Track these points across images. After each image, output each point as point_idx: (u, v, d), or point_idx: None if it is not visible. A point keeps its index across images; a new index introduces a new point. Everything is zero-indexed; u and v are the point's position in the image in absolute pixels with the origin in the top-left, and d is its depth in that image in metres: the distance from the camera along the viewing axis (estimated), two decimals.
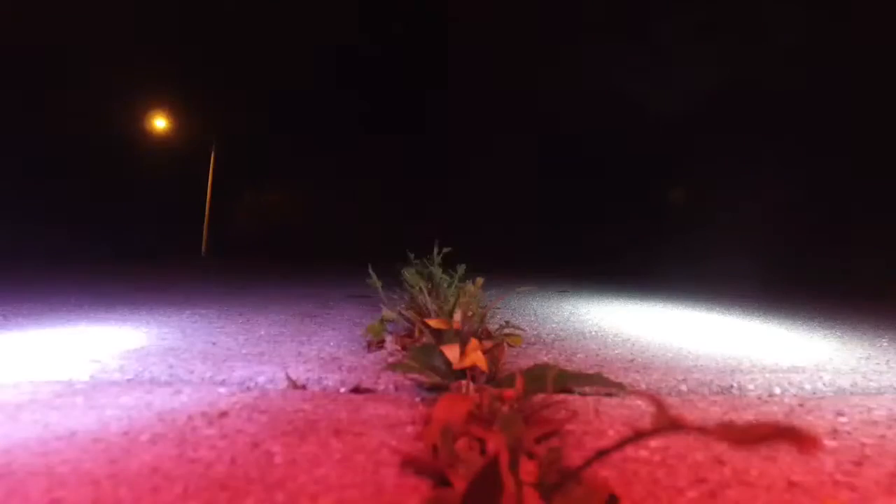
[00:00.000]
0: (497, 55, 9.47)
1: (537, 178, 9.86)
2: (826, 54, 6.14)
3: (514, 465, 0.59)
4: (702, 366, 1.34)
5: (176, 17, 8.94)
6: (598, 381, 0.98)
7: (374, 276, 1.65)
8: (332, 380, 1.11)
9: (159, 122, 10.59)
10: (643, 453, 0.70)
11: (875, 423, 0.89)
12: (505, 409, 0.82)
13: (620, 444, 0.46)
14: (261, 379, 1.11)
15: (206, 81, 10.01)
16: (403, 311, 1.60)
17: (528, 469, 0.61)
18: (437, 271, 2.07)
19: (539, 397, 0.85)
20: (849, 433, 0.83)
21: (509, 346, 1.50)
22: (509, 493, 0.54)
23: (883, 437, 0.81)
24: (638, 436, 0.42)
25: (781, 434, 0.33)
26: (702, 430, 0.36)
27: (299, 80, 10.53)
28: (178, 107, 10.47)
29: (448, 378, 1.05)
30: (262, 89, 10.48)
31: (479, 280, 1.66)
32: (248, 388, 1.04)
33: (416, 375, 1.07)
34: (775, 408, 0.97)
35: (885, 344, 1.76)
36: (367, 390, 1.06)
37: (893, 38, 5.58)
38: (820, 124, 6.23)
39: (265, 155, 11.35)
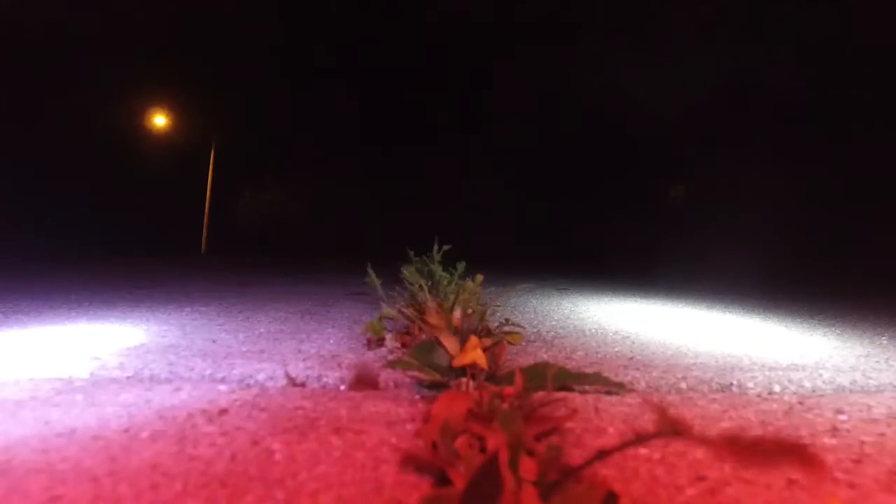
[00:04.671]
0: (496, 54, 9.45)
1: (537, 178, 9.86)
2: (828, 53, 6.13)
3: (513, 463, 0.59)
4: (702, 363, 1.34)
5: (177, 15, 8.92)
6: (598, 381, 0.98)
7: (373, 275, 1.65)
8: (331, 377, 1.11)
9: (159, 120, 10.59)
10: (643, 451, 0.70)
11: (874, 420, 0.89)
12: (505, 406, 0.82)
13: (622, 447, 0.46)
14: (261, 376, 1.11)
15: (207, 80, 9.99)
16: (403, 309, 1.60)
17: (527, 467, 0.61)
18: (437, 268, 2.07)
19: (539, 395, 0.85)
20: (848, 431, 0.83)
21: (509, 343, 1.50)
22: (509, 490, 0.54)
23: (882, 434, 0.81)
24: (639, 439, 0.42)
25: (787, 452, 0.32)
26: (704, 442, 0.35)
27: (300, 80, 10.52)
28: (178, 105, 10.46)
29: (448, 375, 1.05)
30: (262, 88, 10.46)
31: (479, 277, 1.66)
32: (248, 386, 1.04)
33: (415, 373, 1.07)
34: (775, 406, 0.97)
35: (885, 342, 1.76)
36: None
37: (894, 36, 5.57)
38: (821, 123, 6.22)
39: (265, 153, 11.35)
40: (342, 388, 1.07)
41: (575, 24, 8.56)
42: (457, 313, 1.40)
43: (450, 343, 1.12)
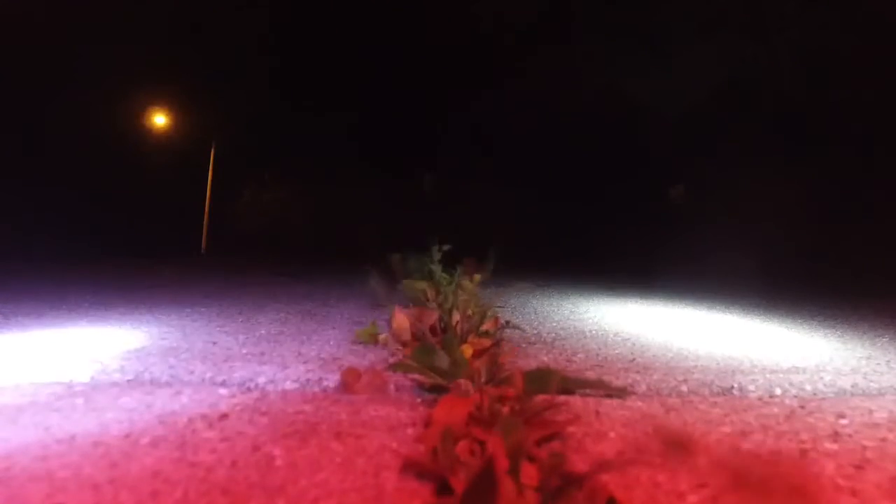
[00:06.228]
0: (494, 52, 9.45)
1: (537, 177, 9.86)
2: (829, 52, 6.12)
3: (514, 469, 0.58)
4: (702, 366, 1.34)
5: (177, 14, 8.91)
6: (600, 386, 0.98)
7: (373, 275, 1.65)
8: (332, 380, 1.11)
9: (159, 119, 10.58)
10: (644, 456, 0.70)
11: (876, 425, 0.89)
12: (505, 410, 0.82)
13: (623, 465, 0.46)
14: (261, 380, 1.11)
15: (207, 79, 9.98)
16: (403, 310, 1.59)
17: (529, 473, 0.61)
18: (437, 269, 2.07)
19: (540, 399, 0.85)
20: (850, 436, 0.83)
21: (510, 342, 1.49)
22: (506, 497, 0.53)
23: (884, 439, 0.81)
24: (641, 455, 0.42)
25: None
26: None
27: (300, 79, 10.51)
28: (178, 104, 10.46)
29: (448, 378, 1.05)
30: (263, 88, 10.45)
31: (476, 277, 1.66)
32: (249, 389, 1.04)
33: (416, 375, 1.07)
34: (776, 409, 0.97)
35: (886, 343, 1.76)
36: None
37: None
38: (822, 123, 6.22)
39: (265, 153, 11.34)
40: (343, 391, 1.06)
41: (575, 25, 8.56)
42: (456, 315, 1.40)
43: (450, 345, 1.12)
